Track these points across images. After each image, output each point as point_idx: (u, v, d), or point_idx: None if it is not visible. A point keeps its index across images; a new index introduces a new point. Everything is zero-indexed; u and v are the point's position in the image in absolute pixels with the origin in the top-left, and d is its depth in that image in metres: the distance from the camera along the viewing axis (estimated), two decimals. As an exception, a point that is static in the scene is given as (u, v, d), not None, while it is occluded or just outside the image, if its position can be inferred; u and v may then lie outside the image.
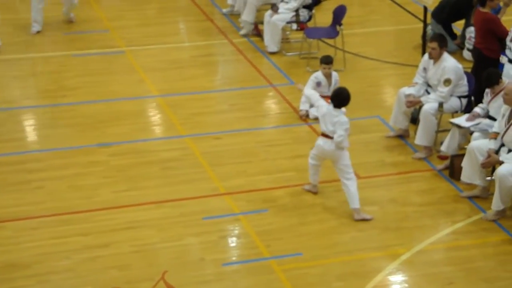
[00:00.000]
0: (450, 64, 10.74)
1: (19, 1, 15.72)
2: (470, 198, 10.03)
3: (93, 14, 15.20)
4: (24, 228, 9.32)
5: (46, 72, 13.05)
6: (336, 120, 9.40)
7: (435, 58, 10.79)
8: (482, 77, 10.30)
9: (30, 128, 11.55)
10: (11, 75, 12.90)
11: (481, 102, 10.46)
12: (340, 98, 9.47)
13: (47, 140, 11.14)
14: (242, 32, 14.31)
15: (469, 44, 13.23)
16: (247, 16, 14.19)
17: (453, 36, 13.82)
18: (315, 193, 9.98)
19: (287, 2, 13.77)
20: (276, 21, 13.64)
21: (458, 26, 14.06)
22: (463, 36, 13.70)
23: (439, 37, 10.90)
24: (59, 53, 13.70)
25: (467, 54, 13.31)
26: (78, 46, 13.89)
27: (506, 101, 9.73)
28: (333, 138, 9.41)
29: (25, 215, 9.54)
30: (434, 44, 10.74)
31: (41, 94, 12.32)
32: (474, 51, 11.75)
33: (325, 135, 9.52)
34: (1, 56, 13.47)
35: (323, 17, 14.33)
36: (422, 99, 10.87)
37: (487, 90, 10.31)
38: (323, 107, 9.55)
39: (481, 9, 11.42)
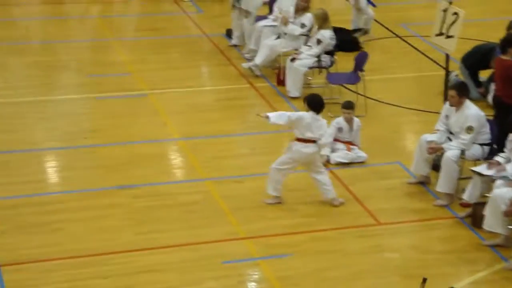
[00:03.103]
0: (472, 112, 10.73)
1: (47, 44, 15.94)
2: (492, 246, 9.95)
3: (117, 57, 15.35)
4: (40, 270, 9.29)
5: (70, 114, 13.14)
6: (319, 124, 10.37)
7: (454, 105, 10.80)
8: (505, 124, 10.25)
9: (52, 170, 11.60)
10: (36, 117, 12.99)
11: (503, 149, 10.42)
12: (317, 104, 10.38)
13: (69, 182, 11.18)
14: (246, 65, 14.42)
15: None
16: (259, 59, 14.33)
17: (478, 83, 13.79)
18: (279, 203, 10.40)
19: (310, 47, 13.85)
20: (298, 67, 13.70)
21: (483, 75, 14.01)
22: (487, 84, 13.65)
23: (458, 85, 10.94)
24: (83, 95, 13.81)
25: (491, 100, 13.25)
26: (101, 88, 14.00)
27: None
28: (317, 141, 10.41)
29: (43, 257, 9.52)
30: (452, 92, 10.78)
31: (64, 136, 12.38)
32: (495, 99, 11.74)
33: (305, 140, 10.35)
34: (26, 98, 13.59)
35: (344, 63, 14.38)
36: (444, 146, 10.85)
37: (510, 137, 10.27)
38: (306, 118, 10.34)
39: (503, 57, 11.43)
